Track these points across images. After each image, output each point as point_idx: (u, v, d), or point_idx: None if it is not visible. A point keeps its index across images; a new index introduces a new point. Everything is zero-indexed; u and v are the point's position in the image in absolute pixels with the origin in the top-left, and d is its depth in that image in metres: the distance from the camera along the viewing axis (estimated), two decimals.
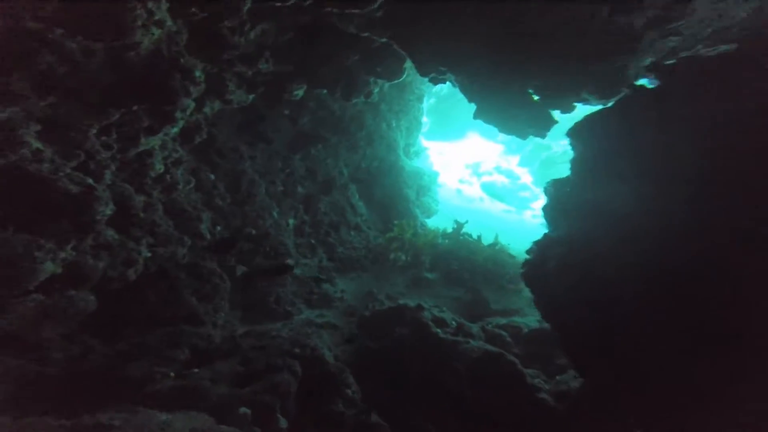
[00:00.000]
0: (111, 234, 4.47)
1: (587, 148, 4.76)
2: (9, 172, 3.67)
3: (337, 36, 6.53)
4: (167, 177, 5.57)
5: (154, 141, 4.71)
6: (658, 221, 3.66)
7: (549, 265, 4.77)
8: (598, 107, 5.40)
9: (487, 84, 5.37)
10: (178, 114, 4.55)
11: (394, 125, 13.13)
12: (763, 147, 3.55)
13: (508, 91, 5.24)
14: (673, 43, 4.60)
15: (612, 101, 4.96)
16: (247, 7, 4.38)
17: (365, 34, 5.96)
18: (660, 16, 4.05)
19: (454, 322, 7.69)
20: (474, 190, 18.65)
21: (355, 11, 4.79)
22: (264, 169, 9.75)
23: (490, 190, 18.37)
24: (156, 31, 3.90)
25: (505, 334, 7.38)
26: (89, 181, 3.97)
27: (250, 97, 6.70)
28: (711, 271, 3.69)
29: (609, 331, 3.89)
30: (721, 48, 4.79)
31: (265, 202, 9.46)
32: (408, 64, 7.73)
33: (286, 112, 9.75)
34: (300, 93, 7.61)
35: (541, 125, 5.58)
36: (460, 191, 18.21)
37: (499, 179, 19.73)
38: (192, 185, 7.09)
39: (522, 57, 4.73)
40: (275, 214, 9.67)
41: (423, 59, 5.97)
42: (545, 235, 5.43)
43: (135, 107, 4.11)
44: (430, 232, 11.46)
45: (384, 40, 6.11)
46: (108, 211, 4.10)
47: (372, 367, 7.03)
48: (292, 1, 4.62)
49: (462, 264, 10.28)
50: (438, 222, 14.35)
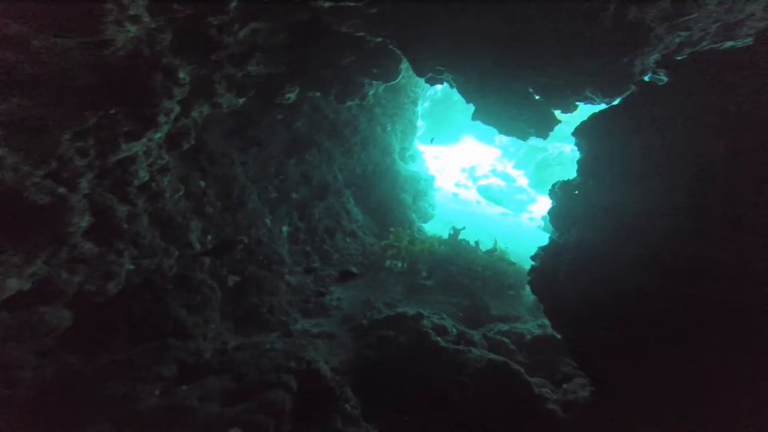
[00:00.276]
0: (89, 246, 4.18)
1: (595, 148, 4.57)
2: None
3: (331, 36, 6.31)
4: (153, 185, 5.29)
5: (137, 147, 4.43)
6: (674, 223, 3.47)
7: (559, 273, 4.55)
8: (601, 106, 5.23)
9: (486, 83, 5.17)
10: (162, 118, 4.28)
11: (389, 129, 12.94)
12: None
13: (508, 91, 5.03)
14: (680, 39, 4.43)
15: (617, 99, 4.78)
16: (234, 4, 4.14)
17: (360, 34, 5.75)
18: (671, 9, 3.85)
19: (454, 330, 7.47)
20: (471, 194, 18.48)
21: (350, 3, 4.56)
22: (256, 174, 9.50)
23: (486, 193, 18.23)
24: (132, 28, 3.63)
25: (507, 341, 7.16)
26: (61, 190, 3.68)
27: (241, 100, 6.45)
28: (733, 275, 3.51)
29: (626, 341, 3.68)
30: (728, 43, 4.64)
31: (258, 209, 9.20)
32: (403, 65, 7.54)
33: (280, 117, 9.52)
34: (293, 96, 7.38)
35: (544, 125, 5.38)
36: (456, 195, 18.05)
37: (496, 182, 19.60)
38: (181, 193, 6.83)
39: (524, 54, 4.53)
40: (268, 222, 9.42)
41: (420, 58, 5.76)
42: (552, 240, 5.21)
43: (113, 110, 3.83)
44: (427, 239, 11.25)
45: (379, 39, 5.91)
46: (84, 223, 3.81)
47: (371, 378, 6.78)
48: None
49: (460, 271, 10.07)
50: (435, 226, 14.15)
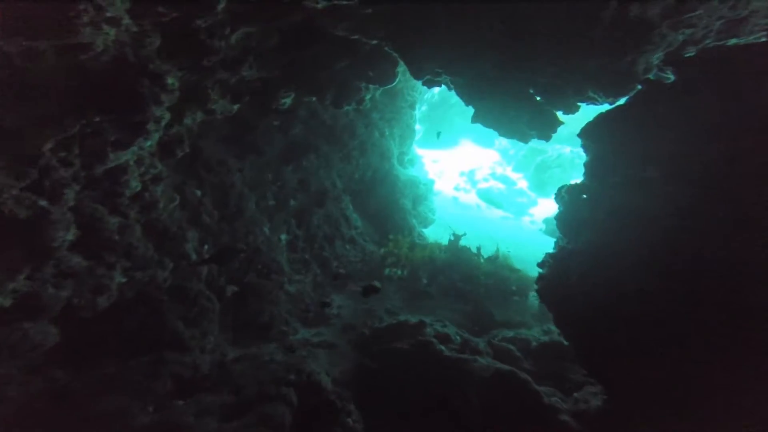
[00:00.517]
0: (77, 260, 4.03)
1: (602, 149, 4.41)
2: None
3: (325, 40, 6.20)
4: (146, 195, 5.13)
5: (127, 156, 4.28)
6: (691, 225, 3.32)
7: (569, 280, 4.38)
8: (604, 107, 5.09)
9: (486, 85, 5.04)
10: (151, 125, 4.13)
11: (387, 133, 12.82)
12: None
13: (508, 92, 4.89)
14: (683, 36, 4.31)
15: (621, 99, 4.64)
16: (221, 5, 4.01)
17: (355, 37, 5.64)
18: (674, 5, 3.73)
19: (458, 338, 7.28)
20: (471, 197, 18.34)
21: (344, 2, 4.43)
22: (254, 182, 9.34)
23: (486, 196, 18.08)
24: (111, 31, 3.48)
25: (513, 348, 6.97)
26: (42, 203, 3.54)
27: (235, 106, 6.31)
28: (739, 275, 3.36)
29: (639, 346, 3.51)
30: (731, 41, 4.51)
31: (256, 217, 9.04)
32: (400, 68, 7.43)
33: (276, 123, 9.39)
34: (288, 101, 7.25)
35: (546, 127, 5.23)
36: (456, 199, 17.90)
37: (495, 185, 19.46)
38: (176, 203, 6.67)
39: (523, 54, 4.40)
40: (266, 230, 9.25)
41: (417, 60, 5.63)
42: (560, 246, 5.03)
43: (98, 118, 3.69)
44: (427, 246, 11.05)
45: (375, 42, 5.79)
46: (70, 236, 3.65)
47: (374, 389, 6.59)
48: None
49: (462, 277, 9.88)
50: (436, 231, 13.98)
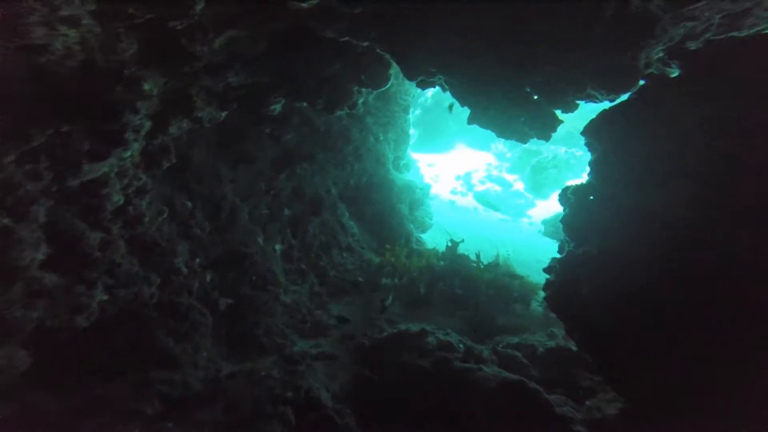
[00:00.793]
0: (51, 278, 3.77)
1: (608, 147, 4.21)
2: None
3: (315, 43, 6.02)
4: (129, 209, 4.89)
5: (105, 168, 4.05)
6: (711, 225, 3.12)
7: (581, 287, 4.17)
8: (604, 104, 4.92)
9: (481, 84, 4.86)
10: (130, 135, 3.91)
11: (382, 138, 12.64)
12: None
13: (505, 91, 4.70)
14: (683, 30, 4.15)
15: (622, 96, 4.46)
16: (200, 7, 3.80)
17: (345, 39, 5.46)
18: None
19: (461, 346, 7.04)
20: (468, 201, 18.16)
21: (332, 3, 4.25)
22: (246, 191, 9.11)
23: (483, 199, 17.90)
24: (70, 32, 3.25)
25: (518, 354, 6.73)
26: (5, 221, 3.27)
27: (223, 113, 6.10)
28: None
29: (660, 353, 3.30)
30: (731, 34, 4.36)
31: (249, 228, 8.80)
32: (392, 71, 7.26)
33: (268, 130, 9.19)
34: (278, 107, 7.05)
35: (546, 126, 5.04)
36: (453, 203, 17.71)
37: (492, 188, 19.31)
38: (165, 215, 6.44)
39: (521, 51, 4.23)
40: (260, 240, 9.00)
41: (410, 60, 5.44)
42: (569, 251, 4.82)
43: (67, 127, 3.46)
44: (424, 253, 10.76)
45: (366, 44, 5.61)
46: (40, 255, 3.42)
47: (375, 402, 6.34)
48: None
49: (462, 284, 9.62)
50: (434, 236, 13.78)
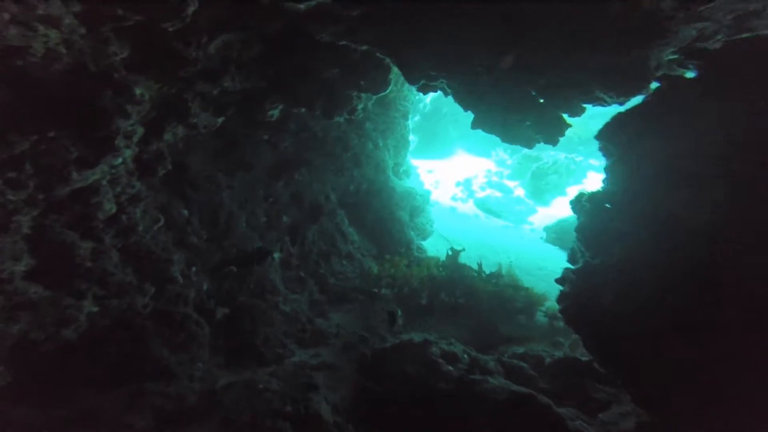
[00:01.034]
0: (35, 290, 3.61)
1: (627, 152, 4.01)
2: None
3: (312, 48, 5.90)
4: (123, 217, 4.73)
5: (95, 175, 3.90)
6: (737, 229, 2.96)
7: (604, 300, 3.97)
8: (613, 108, 4.77)
9: (485, 87, 4.72)
10: (120, 141, 3.76)
11: (381, 144, 12.52)
12: None
13: (510, 95, 4.56)
14: (694, 31, 4.03)
15: (630, 100, 4.31)
16: (192, 8, 3.68)
17: (343, 43, 5.34)
18: None
19: (466, 356, 6.83)
20: (468, 207, 18.01)
21: (327, 2, 4.12)
22: (244, 199, 8.96)
23: (484, 206, 17.74)
24: (50, 32, 3.12)
25: (525, 365, 6.53)
26: None
27: (219, 119, 5.96)
28: None
29: (697, 369, 3.09)
30: (744, 35, 4.24)
31: (247, 236, 8.62)
32: (393, 75, 7.14)
33: (266, 137, 9.07)
34: (276, 113, 6.91)
35: (553, 130, 4.88)
36: (454, 209, 17.56)
37: (493, 194, 19.16)
38: (161, 224, 6.27)
39: (525, 53, 4.10)
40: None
41: (411, 64, 5.32)
42: (586, 261, 4.63)
43: (52, 133, 3.31)
44: (424, 262, 10.49)
45: (365, 47, 5.50)
46: (22, 267, 3.25)
47: (378, 415, 6.13)
48: None
49: (464, 293, 9.40)
50: (435, 243, 13.62)
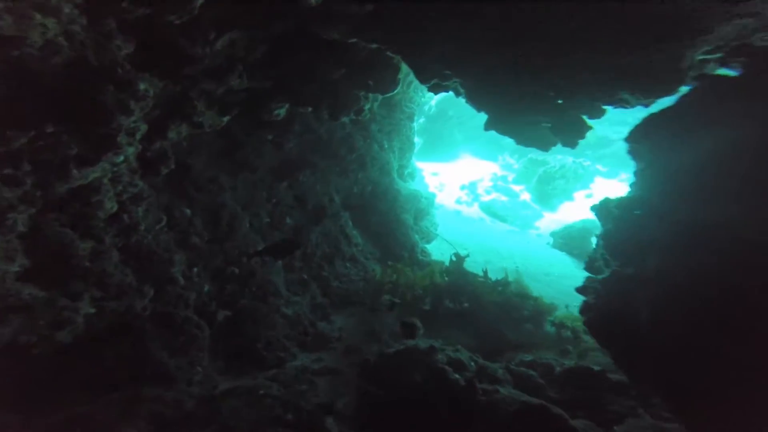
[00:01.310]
0: (30, 291, 3.48)
1: (662, 155, 3.81)
2: None
3: (320, 47, 5.78)
4: (124, 216, 4.61)
5: (96, 173, 3.77)
6: None
7: (639, 313, 3.75)
8: (638, 110, 4.57)
9: (501, 87, 4.56)
10: (123, 138, 3.63)
11: (387, 146, 12.39)
12: None
13: (529, 94, 4.38)
14: (736, 28, 3.85)
15: (657, 101, 4.13)
16: (200, 1, 3.56)
17: (352, 41, 5.21)
18: None
19: (473, 364, 6.65)
20: (474, 211, 17.84)
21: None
22: (247, 200, 8.85)
23: (490, 210, 17.56)
24: (49, 22, 3.00)
25: (534, 374, 6.35)
26: None
27: (224, 118, 5.84)
28: None
29: (747, 383, 2.90)
30: None
31: (249, 237, 8.49)
32: (401, 75, 7.01)
33: (270, 137, 8.96)
34: (282, 112, 6.79)
35: (574, 132, 4.68)
36: (459, 212, 17.40)
37: (498, 198, 18.99)
38: (163, 224, 6.15)
39: (543, 51, 3.94)
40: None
41: (423, 63, 5.16)
42: (615, 271, 4.43)
43: (51, 129, 3.17)
44: (428, 271, 10.19)
45: (375, 45, 5.37)
46: (15, 267, 3.12)
47: (382, 424, 5.96)
48: None
49: (469, 299, 9.17)
50: (439, 246, 13.46)
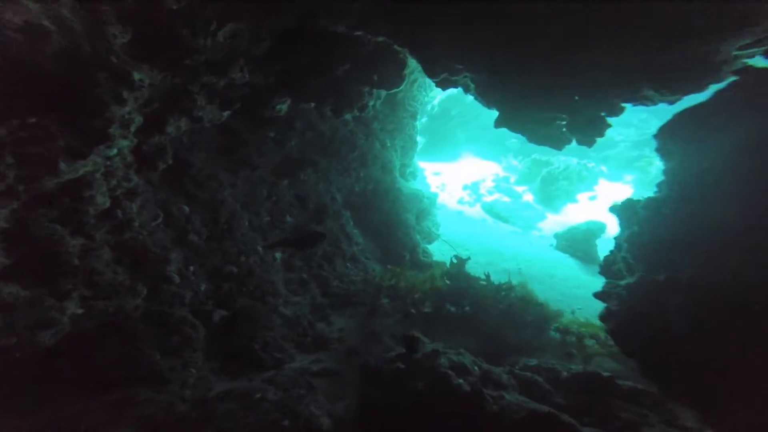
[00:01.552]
0: (11, 290, 3.31)
1: (695, 154, 3.62)
2: None
3: (325, 41, 5.60)
4: (117, 212, 4.42)
5: (87, 167, 3.58)
6: None
7: (672, 321, 3.57)
8: (662, 108, 4.37)
9: (514, 81, 4.36)
10: (115, 130, 3.44)
11: (389, 145, 12.22)
12: None
13: (544, 90, 4.18)
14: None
15: (683, 98, 3.93)
16: None
17: (358, 33, 5.02)
18: None
19: (476, 368, 6.47)
20: (476, 211, 17.66)
21: None
22: (247, 198, 8.67)
23: (492, 210, 17.38)
24: (32, 5, 2.81)
25: (540, 379, 6.17)
26: None
27: (225, 113, 5.65)
28: None
29: None
30: None
31: (249, 236, 8.32)
32: (408, 71, 6.83)
33: (271, 135, 8.79)
34: (284, 108, 6.60)
35: (592, 130, 4.46)
36: (461, 213, 17.22)
37: (501, 199, 18.81)
38: (159, 220, 5.97)
39: (563, 46, 3.75)
40: (260, 249, 8.53)
41: (432, 56, 4.96)
42: (642, 276, 4.24)
43: (33, 119, 2.98)
44: (428, 274, 9.92)
45: (381, 39, 5.18)
46: None
47: (382, 429, 5.80)
48: None
49: (470, 303, 8.95)
50: (440, 246, 13.30)
